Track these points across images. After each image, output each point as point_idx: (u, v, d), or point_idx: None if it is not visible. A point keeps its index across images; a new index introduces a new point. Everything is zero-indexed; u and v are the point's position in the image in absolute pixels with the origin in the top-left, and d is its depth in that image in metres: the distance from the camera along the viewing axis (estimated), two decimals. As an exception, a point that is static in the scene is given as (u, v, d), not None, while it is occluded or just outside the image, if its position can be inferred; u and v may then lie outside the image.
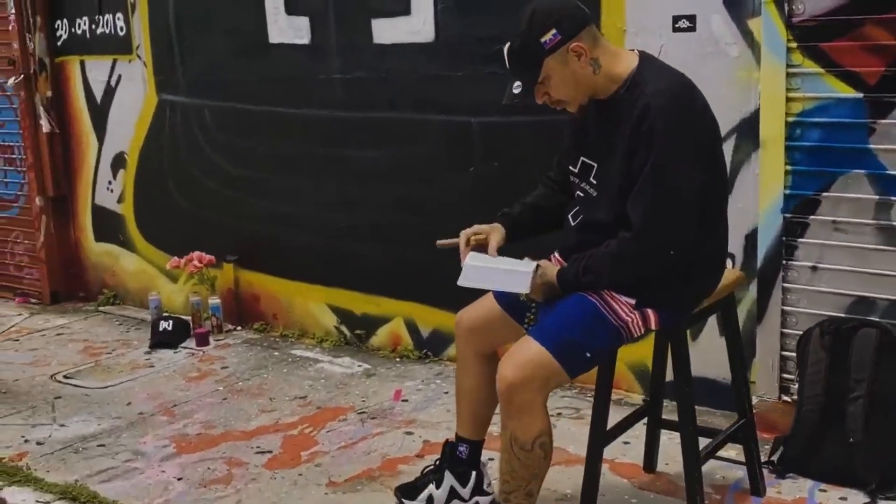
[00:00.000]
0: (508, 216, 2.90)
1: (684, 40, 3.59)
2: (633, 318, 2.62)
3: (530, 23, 2.58)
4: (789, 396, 3.51)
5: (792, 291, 3.47)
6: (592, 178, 2.71)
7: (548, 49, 2.57)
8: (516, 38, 2.61)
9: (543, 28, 2.56)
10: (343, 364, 4.62)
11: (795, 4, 3.29)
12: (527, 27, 2.58)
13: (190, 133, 5.29)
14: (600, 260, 2.58)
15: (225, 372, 4.61)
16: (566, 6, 2.63)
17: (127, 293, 5.87)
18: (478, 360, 2.99)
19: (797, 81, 3.33)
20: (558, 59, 2.58)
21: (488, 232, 2.86)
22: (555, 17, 2.57)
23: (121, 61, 5.48)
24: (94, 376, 4.67)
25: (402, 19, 4.32)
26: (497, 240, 2.82)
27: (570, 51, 2.58)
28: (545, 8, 2.60)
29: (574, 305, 2.62)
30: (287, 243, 5.01)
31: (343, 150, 4.66)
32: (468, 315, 3.00)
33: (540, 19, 2.57)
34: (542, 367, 2.55)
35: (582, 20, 2.61)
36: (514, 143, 4.13)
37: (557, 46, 2.57)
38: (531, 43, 2.58)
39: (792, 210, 3.41)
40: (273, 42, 4.78)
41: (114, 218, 5.80)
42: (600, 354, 2.68)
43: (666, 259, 2.54)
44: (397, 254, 4.59)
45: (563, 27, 2.57)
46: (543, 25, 2.56)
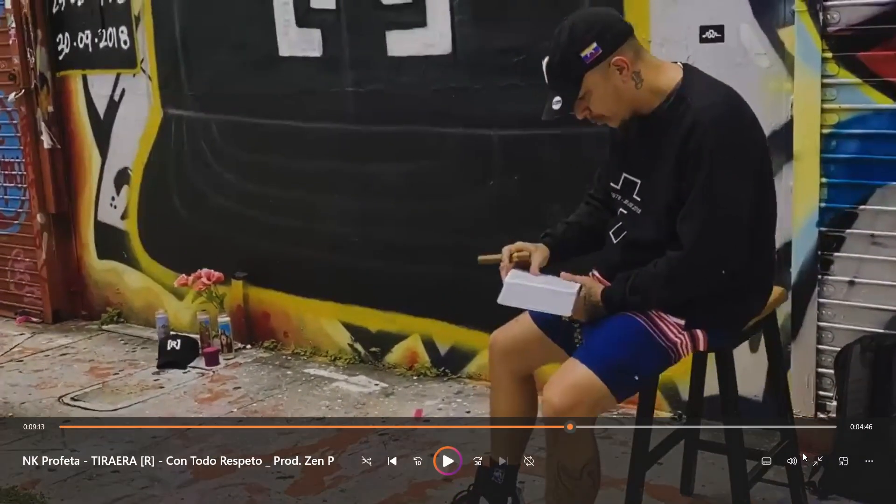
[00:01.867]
0: (552, 236, 2.81)
1: (712, 51, 3.52)
2: (681, 339, 2.54)
3: (570, 36, 2.49)
4: (826, 414, 3.43)
5: (828, 307, 3.39)
6: (636, 194, 2.63)
7: (589, 63, 2.48)
8: (555, 52, 2.52)
9: (584, 42, 2.48)
10: (359, 383, 4.52)
11: (830, 14, 3.22)
12: (566, 41, 2.49)
13: (196, 148, 5.19)
14: (649, 280, 2.49)
15: (238, 392, 4.51)
16: (607, 18, 2.55)
17: (131, 311, 5.76)
18: (514, 382, 2.90)
19: (832, 92, 3.26)
20: (599, 73, 2.49)
21: (532, 250, 2.77)
22: (596, 31, 2.48)
23: (124, 75, 5.38)
24: (102, 398, 4.57)
25: (417, 31, 4.24)
26: (540, 259, 2.73)
27: (612, 65, 2.49)
28: (585, 21, 2.52)
29: (621, 326, 2.53)
30: (298, 260, 4.92)
31: (357, 164, 4.58)
32: (503, 336, 2.90)
33: (580, 33, 2.48)
34: (589, 391, 2.47)
35: (623, 33, 2.52)
36: (534, 157, 4.05)
37: (598, 61, 2.48)
38: (571, 57, 2.49)
39: (828, 224, 3.34)
40: (283, 55, 4.69)
41: (117, 235, 5.70)
42: (648, 377, 2.59)
43: (718, 279, 2.46)
44: (414, 270, 4.50)
45: (605, 40, 2.48)
46: (584, 39, 2.48)
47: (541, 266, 2.71)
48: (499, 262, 2.77)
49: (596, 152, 3.85)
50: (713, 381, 3.00)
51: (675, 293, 2.49)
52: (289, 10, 4.61)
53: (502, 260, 2.76)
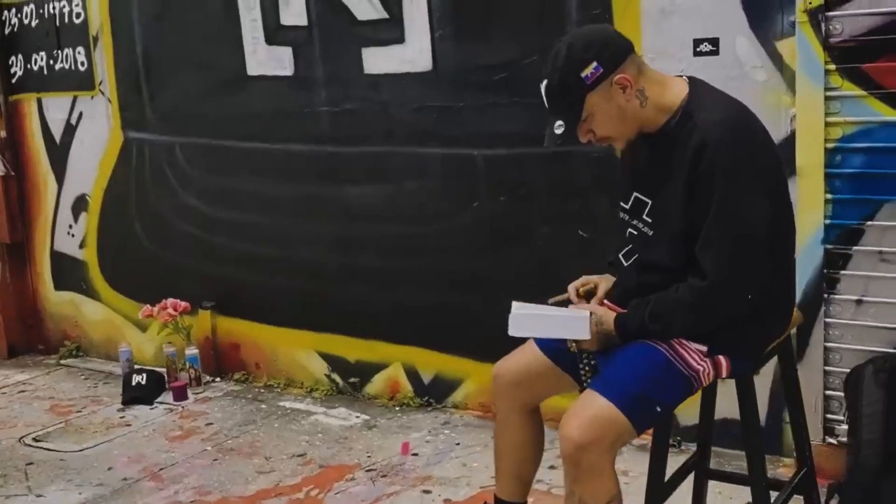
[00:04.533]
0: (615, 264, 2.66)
1: (707, 65, 3.39)
2: (704, 366, 2.39)
3: (568, 57, 2.34)
4: (835, 439, 3.31)
5: (835, 327, 3.27)
6: (646, 215, 2.48)
7: (590, 84, 2.33)
8: (553, 75, 2.36)
9: (583, 61, 2.32)
10: (339, 415, 4.32)
11: (833, 24, 3.11)
12: (564, 62, 2.34)
13: (159, 172, 4.97)
14: (671, 307, 2.35)
15: (210, 429, 4.28)
16: (606, 35, 2.41)
17: (91, 345, 5.51)
18: (520, 416, 2.73)
19: (836, 105, 3.15)
20: (601, 93, 2.35)
21: (597, 282, 2.62)
22: (594, 49, 2.33)
23: (82, 98, 5.16)
24: (66, 438, 4.31)
25: (395, 48, 4.08)
26: (605, 289, 2.59)
27: (614, 84, 2.34)
28: (583, 39, 2.37)
29: (640, 355, 2.38)
30: (270, 287, 4.71)
31: (332, 187, 4.39)
32: (508, 366, 2.73)
33: (578, 52, 2.33)
34: (610, 424, 2.31)
35: (624, 49, 2.38)
36: (521, 177, 3.90)
37: (600, 80, 2.33)
38: (570, 79, 2.33)
39: (833, 241, 3.23)
40: (252, 74, 4.51)
41: (75, 264, 5.46)
42: (670, 407, 2.44)
43: (744, 304, 2.32)
44: (395, 296, 4.32)
45: (605, 59, 2.33)
46: (583, 59, 2.32)
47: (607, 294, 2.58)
48: (568, 302, 2.62)
49: (586, 171, 3.75)
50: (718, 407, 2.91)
51: (699, 322, 2.35)
52: (257, 27, 4.44)
53: (570, 298, 2.63)
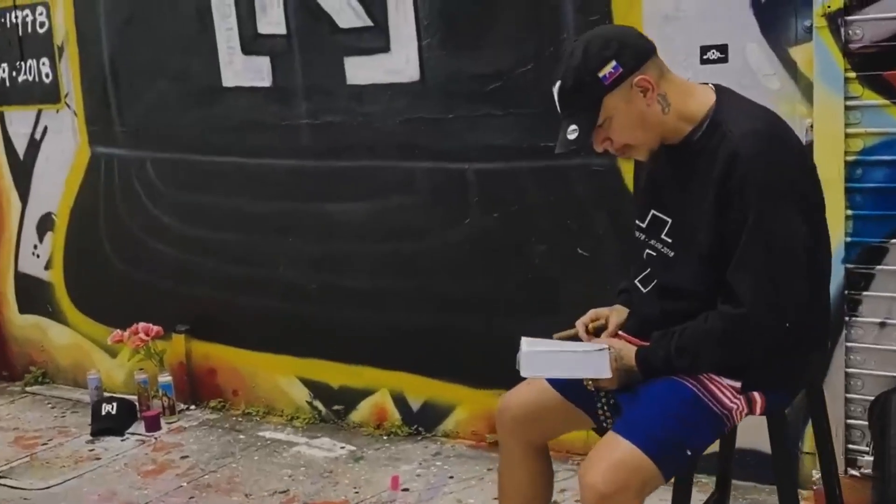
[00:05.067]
0: (630, 292, 2.44)
1: (715, 73, 3.18)
2: (738, 404, 2.18)
3: (584, 55, 2.14)
4: (857, 470, 3.11)
5: (856, 351, 3.07)
6: (665, 234, 2.28)
7: (608, 85, 2.13)
8: (568, 74, 2.16)
9: (601, 60, 2.13)
10: (323, 446, 4.08)
11: (853, 29, 2.92)
12: (581, 60, 2.14)
13: (129, 189, 4.72)
14: (700, 339, 2.13)
15: (186, 463, 4.02)
16: (626, 35, 2.22)
17: (58, 371, 5.24)
18: (527, 454, 2.51)
19: (857, 115, 2.96)
20: (620, 96, 2.15)
21: (606, 315, 2.42)
22: (614, 48, 2.14)
23: (47, 111, 4.90)
24: (31, 473, 4.05)
25: (380, 57, 3.85)
26: (617, 322, 2.38)
27: (635, 86, 2.15)
28: (601, 37, 2.18)
29: (667, 393, 2.17)
30: (248, 310, 4.47)
31: (314, 203, 4.16)
32: (514, 401, 2.51)
33: (596, 50, 2.14)
34: (637, 471, 2.09)
35: (646, 50, 2.19)
36: (516, 192, 3.69)
37: (619, 81, 2.14)
38: (587, 78, 2.14)
39: (854, 260, 3.03)
40: (228, 85, 4.27)
41: (41, 286, 5.18)
42: (701, 450, 2.22)
43: (781, 334, 2.11)
44: (381, 318, 4.08)
45: (625, 58, 2.14)
46: (601, 57, 2.13)
47: (619, 328, 2.38)
48: (576, 338, 2.43)
49: (586, 185, 3.54)
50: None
51: (733, 354, 2.14)
52: (233, 35, 4.20)
53: (579, 334, 2.43)
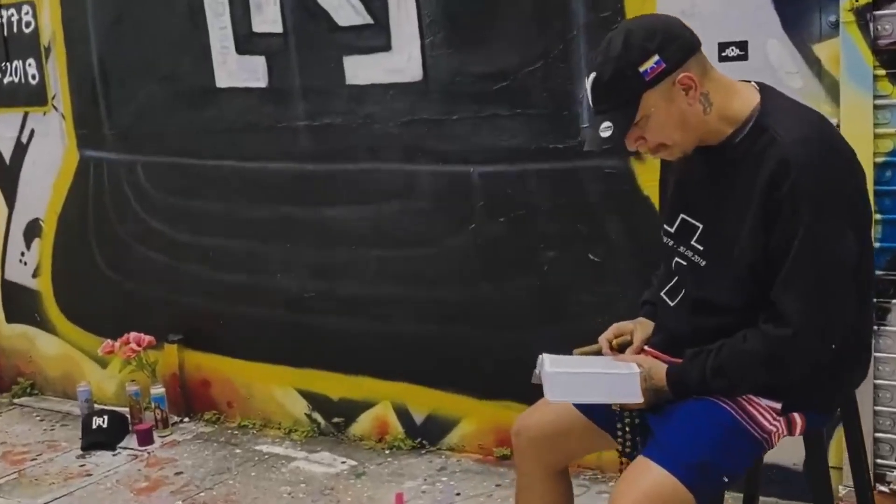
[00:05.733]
0: (654, 303, 2.29)
1: (734, 71, 2.97)
2: (777, 426, 2.04)
3: (626, 46, 1.98)
4: (886, 486, 2.98)
5: (885, 362, 2.93)
6: (696, 241, 2.14)
7: (649, 80, 1.98)
8: (605, 66, 2.00)
9: (643, 53, 1.97)
10: (323, 461, 3.92)
11: (882, 24, 2.78)
12: (621, 51, 1.98)
13: (120, 194, 4.56)
14: (740, 360, 1.99)
15: (180, 479, 3.87)
16: (670, 26, 2.04)
17: (46, 382, 5.07)
18: (546, 478, 2.37)
19: (886, 115, 2.82)
20: (661, 93, 1.99)
21: (631, 329, 2.28)
22: (657, 41, 1.98)
23: (34, 114, 4.74)
24: (19, 491, 3.89)
25: (381, 56, 3.70)
26: (642, 337, 2.24)
27: (677, 83, 2.00)
28: (644, 28, 2.02)
29: (703, 415, 2.02)
30: (243, 319, 4.31)
31: (312, 208, 4.00)
32: (534, 421, 2.36)
33: (638, 42, 1.98)
34: (671, 499, 1.95)
35: (691, 45, 2.03)
36: (523, 196, 3.54)
37: (661, 78, 1.98)
38: (628, 71, 1.98)
39: (884, 266, 2.88)
40: (221, 86, 4.11)
41: (28, 295, 5.02)
42: (738, 476, 2.08)
43: (828, 354, 1.97)
44: (382, 327, 3.93)
45: (669, 53, 1.98)
46: (643, 50, 1.97)
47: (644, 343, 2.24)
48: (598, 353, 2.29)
49: (597, 188, 3.40)
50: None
51: (776, 377, 2.00)
52: (227, 35, 4.04)
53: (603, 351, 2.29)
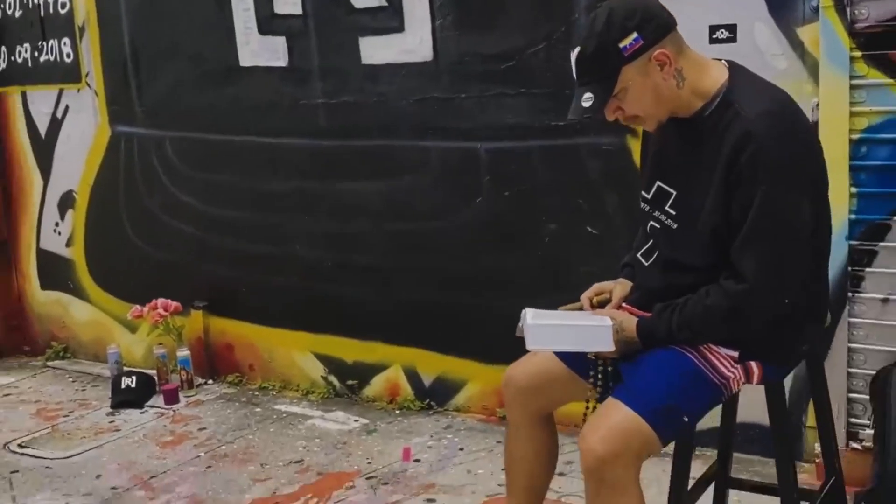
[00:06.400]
0: (633, 266, 2.50)
1: (723, 52, 3.17)
2: (735, 373, 2.24)
3: (608, 23, 2.18)
4: (858, 443, 3.17)
5: (859, 327, 3.13)
6: (669, 206, 2.33)
7: (627, 56, 2.17)
8: (590, 41, 2.20)
9: (623, 31, 2.17)
10: (337, 419, 4.16)
11: (858, 9, 2.96)
12: (603, 29, 2.18)
13: (149, 167, 4.81)
14: (701, 314, 2.19)
15: (203, 434, 4.12)
16: (649, 7, 2.23)
17: (79, 346, 5.34)
18: (533, 424, 2.57)
19: (862, 94, 3.00)
20: (638, 68, 2.19)
21: (611, 288, 2.48)
22: (637, 19, 2.18)
23: (68, 91, 4.99)
24: (53, 444, 4.15)
25: (394, 37, 3.92)
26: (621, 295, 2.44)
27: (653, 59, 2.19)
28: (625, 7, 2.20)
29: (667, 362, 2.23)
30: (264, 287, 4.55)
31: (329, 182, 4.23)
32: (521, 372, 2.57)
33: (619, 20, 2.18)
34: (635, 436, 2.15)
35: (667, 24, 2.22)
36: (527, 171, 3.75)
37: (638, 53, 2.18)
38: (608, 47, 2.18)
39: (858, 237, 3.08)
40: (245, 65, 4.34)
41: (62, 263, 5.28)
42: (698, 417, 2.29)
43: (782, 309, 2.17)
44: (394, 295, 4.16)
45: (646, 31, 2.18)
46: (623, 27, 2.17)
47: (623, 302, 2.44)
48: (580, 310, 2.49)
49: (596, 164, 3.60)
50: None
51: (734, 329, 2.20)
52: (250, 16, 4.26)
53: (584, 308, 2.48)
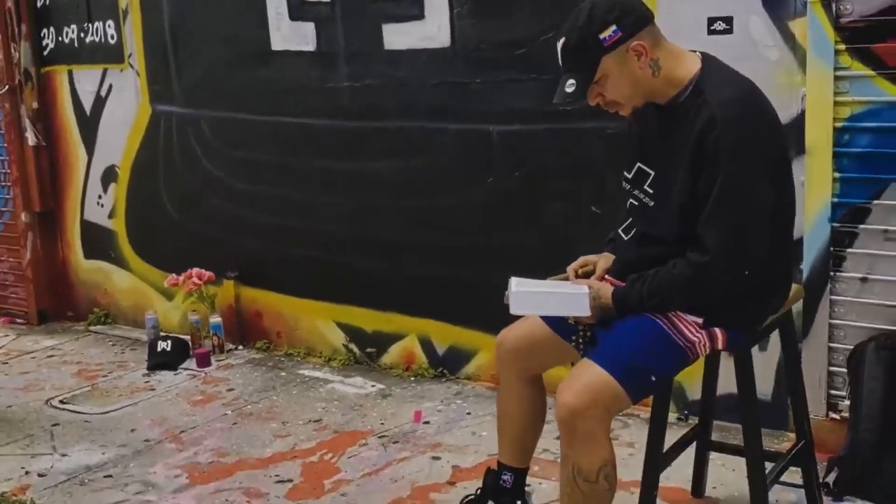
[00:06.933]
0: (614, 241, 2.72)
1: (720, 43, 3.41)
2: (700, 338, 2.46)
3: (589, 17, 2.40)
4: (838, 414, 3.36)
5: (840, 304, 3.32)
6: (648, 185, 2.55)
7: (607, 46, 2.40)
8: (572, 33, 2.43)
9: (603, 23, 2.39)
10: (355, 384, 4.42)
11: (843, 4, 3.14)
12: (585, 21, 2.41)
13: (186, 145, 5.08)
14: (669, 283, 2.41)
15: (231, 394, 4.40)
16: (629, 1, 2.46)
17: (119, 312, 5.64)
18: (522, 384, 2.82)
19: (845, 85, 3.19)
20: (616, 57, 2.41)
21: (595, 261, 2.71)
22: (616, 13, 2.40)
23: (112, 71, 5.26)
24: (92, 401, 4.45)
25: (415, 24, 4.14)
26: (604, 267, 2.67)
27: (630, 50, 2.41)
28: (606, 2, 2.43)
29: (637, 326, 2.45)
30: (292, 259, 4.81)
31: (352, 161, 4.48)
32: (512, 335, 2.81)
33: (600, 14, 2.40)
34: (605, 391, 2.38)
35: (644, 17, 2.45)
36: (535, 153, 3.96)
37: (617, 44, 2.40)
38: (589, 39, 2.40)
39: (840, 219, 3.27)
40: (276, 49, 4.59)
41: (104, 234, 5.58)
42: (665, 377, 2.52)
43: (741, 280, 2.38)
44: (411, 269, 4.40)
45: (625, 24, 2.40)
46: (603, 21, 2.39)
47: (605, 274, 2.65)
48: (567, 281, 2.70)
49: (600, 147, 3.80)
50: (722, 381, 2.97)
51: (697, 296, 2.42)
52: (281, 2, 4.51)
53: (570, 278, 2.70)
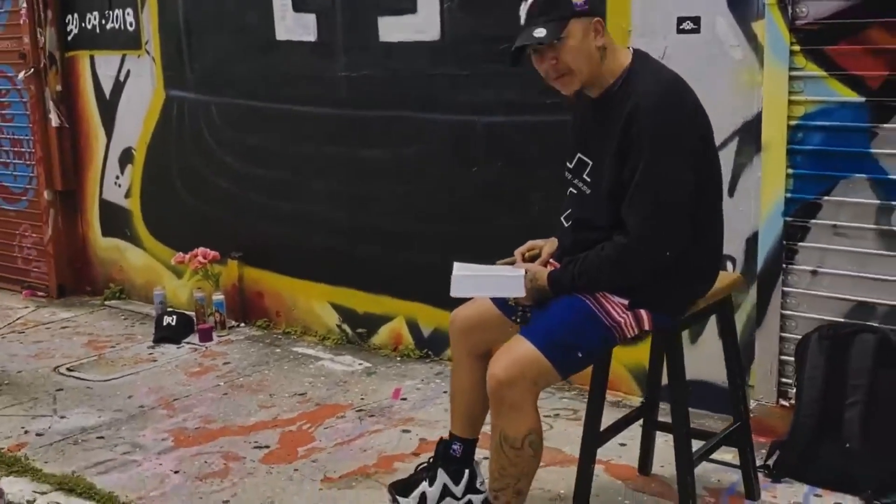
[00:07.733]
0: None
1: (688, 42, 3.57)
2: (625, 318, 2.61)
3: None
4: (787, 401, 3.49)
5: (792, 295, 3.45)
6: (586, 175, 2.71)
7: (577, 10, 2.56)
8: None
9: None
10: (344, 362, 4.62)
11: (799, 7, 3.27)
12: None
13: (197, 129, 5.30)
14: (596, 265, 2.57)
15: (226, 367, 4.62)
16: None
17: (133, 288, 5.89)
18: (471, 360, 2.99)
19: (800, 85, 3.31)
20: (582, 24, 2.57)
21: (541, 245, 2.88)
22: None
23: (130, 56, 5.51)
24: (97, 369, 4.69)
25: (408, 17, 4.32)
26: (549, 251, 2.84)
27: (593, 23, 2.58)
28: None
29: (567, 306, 2.62)
30: (291, 241, 5.02)
31: (348, 148, 4.67)
32: (462, 314, 3.00)
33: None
34: (532, 365, 2.55)
35: (602, 4, 2.64)
36: (519, 144, 4.12)
37: (584, 13, 2.57)
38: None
39: (793, 214, 3.40)
40: (280, 39, 4.79)
41: (121, 213, 5.82)
42: (592, 354, 2.67)
43: (662, 262, 2.54)
44: (400, 253, 4.59)
45: (592, 1, 2.60)
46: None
47: (550, 257, 2.81)
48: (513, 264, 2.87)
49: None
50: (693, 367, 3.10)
51: (622, 277, 2.57)
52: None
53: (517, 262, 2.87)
